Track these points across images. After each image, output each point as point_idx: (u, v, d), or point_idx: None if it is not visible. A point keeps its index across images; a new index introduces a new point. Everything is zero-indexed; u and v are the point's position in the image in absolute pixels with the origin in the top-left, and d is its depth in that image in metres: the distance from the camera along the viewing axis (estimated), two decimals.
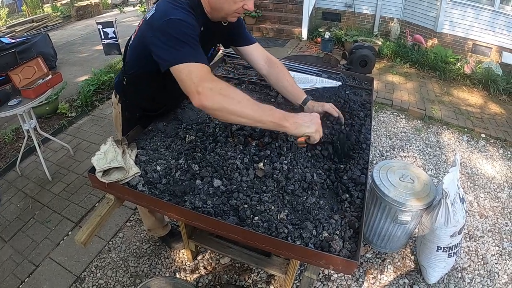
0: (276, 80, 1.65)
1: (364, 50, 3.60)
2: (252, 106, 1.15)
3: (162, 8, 1.22)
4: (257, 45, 1.66)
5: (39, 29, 8.28)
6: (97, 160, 1.30)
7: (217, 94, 1.11)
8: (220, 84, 1.14)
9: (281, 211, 1.17)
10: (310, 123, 1.23)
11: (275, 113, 1.18)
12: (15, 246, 2.52)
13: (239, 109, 1.13)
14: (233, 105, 1.12)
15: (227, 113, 1.14)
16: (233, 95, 1.14)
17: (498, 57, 5.34)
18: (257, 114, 1.15)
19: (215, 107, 1.12)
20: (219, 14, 1.33)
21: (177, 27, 1.16)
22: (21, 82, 2.83)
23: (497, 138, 3.79)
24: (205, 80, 1.12)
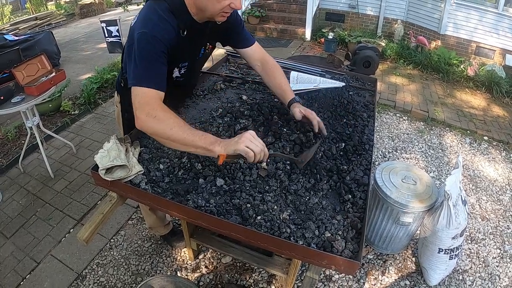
0: (268, 80, 1.65)
1: (367, 51, 3.59)
2: (183, 132, 1.16)
3: (140, 18, 1.26)
4: (256, 45, 1.66)
5: (42, 26, 8.30)
6: (100, 158, 1.30)
7: (152, 119, 1.17)
8: (157, 111, 1.18)
9: (284, 211, 1.17)
10: (238, 139, 1.15)
11: (206, 139, 1.16)
12: (17, 243, 2.53)
13: (171, 135, 1.16)
14: (165, 131, 1.17)
15: (160, 138, 1.21)
16: (166, 121, 1.17)
17: (501, 59, 5.33)
18: (188, 140, 1.16)
19: (149, 131, 1.21)
20: (205, 14, 1.30)
21: (142, 44, 1.21)
22: (25, 79, 2.84)
23: (499, 141, 3.78)
24: (145, 105, 1.19)
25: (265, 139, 1.46)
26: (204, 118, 1.68)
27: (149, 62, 1.21)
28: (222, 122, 1.58)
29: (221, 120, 1.61)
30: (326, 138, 1.56)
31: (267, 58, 1.67)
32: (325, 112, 1.76)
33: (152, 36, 1.20)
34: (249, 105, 1.74)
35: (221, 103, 1.82)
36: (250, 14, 6.91)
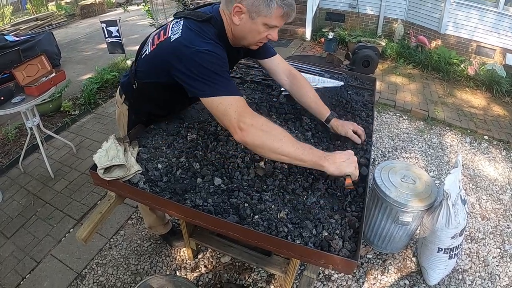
0: (299, 96, 1.64)
1: (367, 51, 3.59)
2: (293, 144, 1.15)
3: (188, 36, 1.22)
4: (278, 57, 1.65)
5: (43, 27, 8.31)
6: (99, 158, 1.31)
7: (258, 130, 1.14)
8: (260, 120, 1.16)
9: (282, 210, 1.17)
10: (349, 161, 1.20)
11: (314, 152, 1.18)
12: (17, 243, 2.54)
13: (280, 147, 1.14)
14: (274, 143, 1.14)
15: (268, 150, 1.15)
16: (274, 132, 1.15)
17: (502, 59, 5.32)
18: (298, 152, 1.15)
19: (257, 143, 1.14)
20: (241, 42, 1.33)
21: (208, 60, 1.17)
22: (25, 79, 2.84)
23: (500, 140, 3.77)
24: (244, 115, 1.15)
25: None
26: (203, 117, 1.69)
27: (224, 74, 1.20)
28: None
29: None
30: (324, 137, 1.57)
31: (294, 72, 1.66)
32: None
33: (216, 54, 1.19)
34: (248, 104, 1.74)
35: None
36: None
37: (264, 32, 1.27)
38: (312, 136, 1.57)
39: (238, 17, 1.23)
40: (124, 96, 1.64)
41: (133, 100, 1.61)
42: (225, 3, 1.27)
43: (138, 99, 1.57)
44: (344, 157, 1.21)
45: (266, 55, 1.61)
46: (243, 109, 1.16)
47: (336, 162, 1.18)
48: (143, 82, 1.43)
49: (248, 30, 1.26)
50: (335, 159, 1.19)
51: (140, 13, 9.08)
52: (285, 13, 1.23)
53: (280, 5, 1.19)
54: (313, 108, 1.62)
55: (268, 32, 1.27)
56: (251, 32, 1.26)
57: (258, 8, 1.19)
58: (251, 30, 1.26)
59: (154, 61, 1.35)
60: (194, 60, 1.16)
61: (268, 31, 1.27)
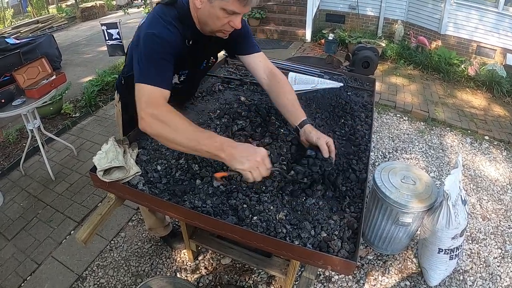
0: (276, 96, 1.51)
1: (366, 52, 3.58)
2: (189, 134, 1.12)
3: (149, 19, 1.25)
4: (260, 55, 1.55)
5: (44, 30, 8.34)
6: (98, 160, 1.31)
7: (156, 121, 1.12)
8: (163, 112, 1.14)
9: (280, 211, 1.17)
10: (246, 158, 1.10)
11: (212, 143, 1.12)
12: (18, 245, 2.54)
13: (175, 137, 1.12)
14: (169, 133, 1.12)
15: (165, 140, 1.15)
16: (172, 122, 1.13)
17: (502, 59, 5.31)
18: (192, 143, 1.11)
19: (154, 133, 1.15)
20: (206, 28, 1.31)
21: (149, 43, 1.19)
22: (25, 82, 2.86)
23: (500, 140, 3.77)
24: (151, 105, 1.14)
25: (262, 139, 1.46)
26: (202, 119, 1.69)
27: (156, 61, 1.19)
28: (219, 123, 1.58)
29: (218, 121, 1.61)
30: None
31: (275, 71, 1.55)
32: (322, 112, 1.76)
33: (161, 37, 1.19)
34: (247, 106, 1.74)
35: (219, 105, 1.83)
36: (250, 16, 6.92)
37: (224, 18, 1.21)
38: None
39: (199, 0, 1.22)
40: (119, 95, 1.67)
41: (123, 96, 1.63)
42: None
43: (127, 95, 1.57)
44: (245, 152, 1.12)
45: (248, 51, 1.53)
46: (152, 100, 1.15)
47: (233, 154, 1.11)
48: (127, 76, 1.46)
49: (208, 14, 1.23)
50: (234, 151, 1.11)
51: (140, 15, 9.11)
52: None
53: None
54: (289, 111, 1.46)
55: (229, 18, 1.22)
56: (210, 16, 1.22)
57: None
58: (210, 15, 1.22)
59: (130, 52, 1.39)
60: (142, 42, 1.20)
61: (229, 17, 1.22)
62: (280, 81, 1.52)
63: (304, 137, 1.39)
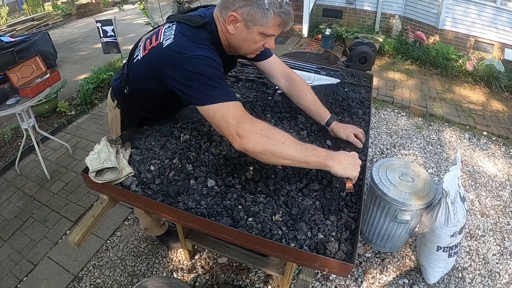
0: (298, 99, 1.59)
1: (363, 47, 3.56)
2: (296, 146, 1.11)
3: (181, 42, 1.17)
4: (274, 59, 1.58)
5: (39, 27, 8.26)
6: (91, 160, 1.29)
7: (258, 135, 1.08)
8: (259, 125, 1.11)
9: (276, 212, 1.15)
10: (354, 165, 1.17)
11: (319, 153, 1.14)
12: (14, 245, 2.52)
13: (283, 151, 1.09)
14: (276, 148, 1.08)
15: (271, 155, 1.10)
16: (275, 136, 1.10)
17: (500, 54, 5.29)
18: (302, 154, 1.10)
19: (258, 150, 1.08)
20: (237, 51, 1.30)
21: (202, 65, 1.12)
22: (19, 81, 2.82)
23: (499, 136, 3.75)
24: (243, 121, 1.09)
25: None
26: (197, 117, 1.66)
27: (220, 79, 1.15)
28: None
29: None
30: (320, 136, 1.55)
31: (291, 74, 1.60)
32: None
33: (211, 58, 1.14)
34: (242, 103, 1.71)
35: None
36: None
37: (261, 41, 1.22)
38: (307, 135, 1.55)
39: (233, 26, 1.19)
40: (117, 101, 1.60)
41: (126, 105, 1.57)
42: (220, 10, 1.22)
43: (131, 104, 1.53)
44: (350, 159, 1.18)
45: (262, 57, 1.54)
46: (241, 115, 1.10)
47: (342, 163, 1.15)
48: (135, 88, 1.40)
49: (244, 40, 1.22)
50: (341, 160, 1.16)
51: (136, 11, 9.02)
52: (283, 22, 1.18)
53: (278, 13, 1.15)
54: (313, 111, 1.57)
55: (264, 40, 1.23)
56: (247, 41, 1.22)
57: (254, 17, 1.15)
58: (246, 39, 1.21)
59: (146, 67, 1.30)
60: (188, 66, 1.12)
61: (265, 39, 1.23)
62: (299, 83, 1.58)
63: (334, 134, 1.53)
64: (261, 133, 1.08)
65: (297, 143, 1.12)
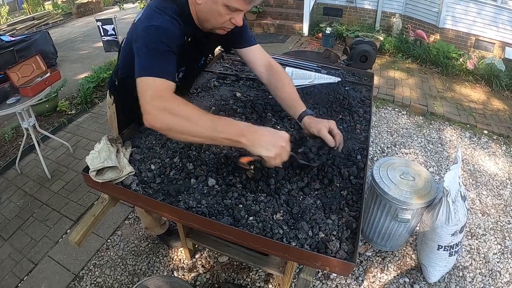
0: (275, 90, 1.48)
1: (364, 46, 3.55)
2: (205, 123, 1.03)
3: (146, 13, 1.19)
4: (257, 48, 1.51)
5: (40, 26, 8.25)
6: (91, 159, 1.28)
7: (166, 113, 1.03)
8: (173, 104, 1.05)
9: (277, 211, 1.15)
10: (272, 145, 1.06)
11: (232, 128, 1.05)
12: (14, 245, 2.52)
13: (189, 129, 1.03)
14: (183, 125, 1.03)
15: (177, 133, 1.05)
16: (184, 113, 1.04)
17: (501, 52, 5.28)
18: (209, 132, 1.03)
19: (164, 127, 1.04)
20: (206, 25, 1.27)
21: (152, 35, 1.12)
22: (20, 80, 2.82)
23: (499, 135, 3.75)
24: (157, 98, 1.04)
25: None
26: None
27: (161, 53, 1.11)
28: None
29: None
30: None
31: (273, 64, 1.51)
32: (320, 108, 1.74)
33: (165, 28, 1.13)
34: (243, 102, 1.72)
35: (215, 101, 1.80)
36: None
37: (227, 15, 1.19)
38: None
39: None
40: (113, 96, 1.61)
41: (118, 98, 1.58)
42: None
43: (122, 96, 1.54)
44: (269, 137, 1.07)
45: (244, 44, 1.49)
46: (158, 93, 1.05)
47: (255, 139, 1.05)
48: (122, 77, 1.41)
49: (209, 11, 1.19)
50: (257, 136, 1.06)
51: (136, 10, 9.01)
52: None
53: None
54: (288, 104, 1.44)
55: (231, 15, 1.19)
56: (212, 13, 1.19)
57: None
58: (211, 11, 1.19)
59: (124, 51, 1.33)
60: (142, 36, 1.13)
61: (231, 14, 1.19)
62: (280, 74, 1.48)
63: (306, 130, 1.36)
64: (169, 111, 1.03)
65: (207, 120, 1.05)
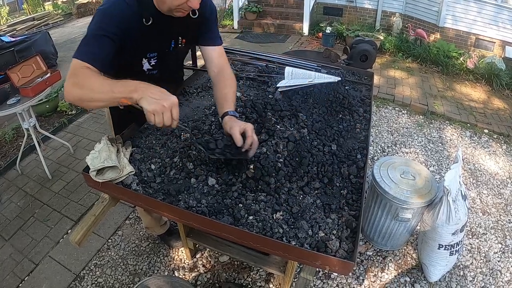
0: (215, 88, 1.53)
1: (364, 45, 3.55)
2: (103, 88, 1.11)
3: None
4: (219, 49, 1.58)
5: (40, 27, 8.25)
6: (91, 159, 1.29)
7: (76, 87, 1.13)
8: (82, 79, 1.14)
9: (277, 210, 1.15)
10: (155, 100, 1.06)
11: (127, 87, 1.09)
12: (15, 245, 2.52)
13: (91, 96, 1.12)
14: (86, 94, 1.12)
15: (84, 102, 1.17)
16: (88, 83, 1.13)
17: (501, 51, 5.28)
18: (108, 95, 1.11)
19: (74, 99, 1.16)
20: (163, 6, 1.28)
21: (94, 20, 1.21)
22: (20, 80, 2.82)
23: (500, 134, 3.74)
24: (72, 76, 1.14)
25: (258, 136, 1.43)
26: (197, 116, 1.66)
27: (93, 36, 1.21)
28: (214, 120, 1.55)
29: (213, 118, 1.58)
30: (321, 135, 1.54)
31: (226, 67, 1.57)
32: (320, 108, 1.74)
33: (108, 12, 1.21)
34: (243, 102, 1.71)
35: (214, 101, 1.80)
36: (247, 10, 6.86)
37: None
38: (308, 134, 1.54)
39: None
40: None
41: None
42: None
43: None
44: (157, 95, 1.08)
45: (209, 42, 1.55)
46: (75, 71, 1.15)
47: (145, 93, 1.07)
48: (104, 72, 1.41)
49: None
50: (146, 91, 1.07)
51: None
52: None
53: None
54: (219, 103, 1.45)
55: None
56: None
57: None
58: None
59: None
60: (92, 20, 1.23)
61: None
62: (226, 76, 1.53)
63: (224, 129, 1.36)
64: (78, 85, 1.13)
65: (106, 85, 1.12)
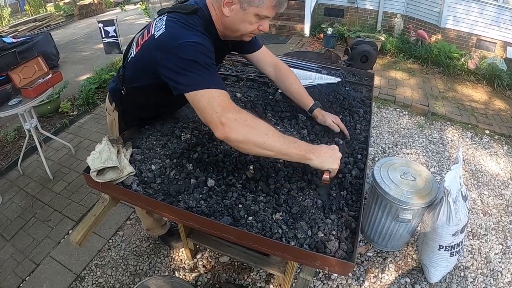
0: (284, 87, 1.66)
1: (365, 46, 3.55)
2: (279, 138, 1.11)
3: (173, 29, 1.16)
4: (264, 50, 1.63)
5: (42, 28, 8.30)
6: (92, 160, 1.29)
7: (242, 125, 1.08)
8: (244, 115, 1.11)
9: (276, 211, 1.15)
10: (334, 158, 1.19)
11: (300, 145, 1.15)
12: (16, 245, 2.53)
13: (266, 142, 1.09)
14: (259, 138, 1.08)
15: (253, 145, 1.09)
16: (259, 127, 1.10)
17: (502, 52, 5.27)
18: (284, 146, 1.11)
19: (240, 139, 1.08)
20: (234, 34, 1.30)
21: (194, 51, 1.11)
22: (22, 81, 2.83)
23: (501, 135, 3.74)
24: (228, 109, 1.08)
25: None
26: (197, 117, 1.66)
27: (209, 66, 1.13)
28: None
29: None
30: (321, 135, 1.55)
31: (279, 63, 1.65)
32: None
33: (203, 44, 1.14)
34: (243, 103, 1.72)
35: None
36: None
37: (255, 23, 1.23)
38: (308, 134, 1.55)
39: (228, 8, 1.20)
40: (114, 104, 1.59)
41: (123, 106, 1.56)
42: None
43: (128, 105, 1.52)
44: (330, 152, 1.20)
45: (254, 49, 1.59)
46: (226, 104, 1.09)
47: (321, 156, 1.17)
48: (131, 87, 1.39)
49: (240, 21, 1.22)
50: (321, 153, 1.17)
51: (137, 12, 9.06)
52: (277, 3, 1.19)
53: None
54: (297, 98, 1.64)
55: (259, 23, 1.24)
56: (243, 23, 1.23)
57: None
58: (242, 21, 1.22)
59: (140, 63, 1.30)
60: (181, 53, 1.11)
61: (260, 22, 1.24)
62: (286, 71, 1.64)
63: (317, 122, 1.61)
64: (244, 123, 1.08)
65: (279, 135, 1.13)
